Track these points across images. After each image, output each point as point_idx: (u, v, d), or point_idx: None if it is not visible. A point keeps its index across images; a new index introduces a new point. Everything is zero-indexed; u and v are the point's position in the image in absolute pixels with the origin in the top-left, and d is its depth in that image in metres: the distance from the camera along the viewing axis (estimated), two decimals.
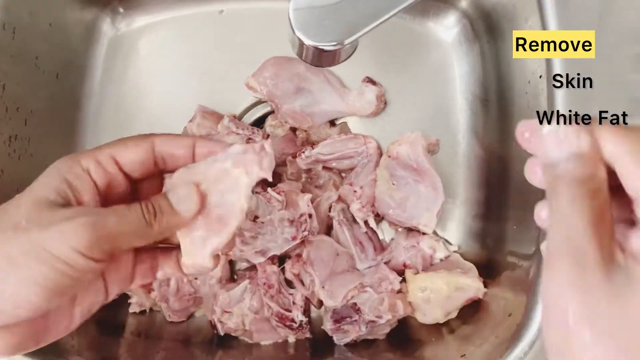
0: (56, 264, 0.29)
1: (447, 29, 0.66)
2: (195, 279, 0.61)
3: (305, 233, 0.57)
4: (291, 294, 0.60)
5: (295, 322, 0.59)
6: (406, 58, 0.66)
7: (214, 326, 0.60)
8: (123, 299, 0.62)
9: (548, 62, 0.49)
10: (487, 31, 0.62)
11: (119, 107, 0.67)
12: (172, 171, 0.37)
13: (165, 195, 0.35)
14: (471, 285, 0.57)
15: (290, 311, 0.59)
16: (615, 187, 0.24)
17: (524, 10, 0.53)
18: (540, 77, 0.51)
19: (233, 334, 0.61)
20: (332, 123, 0.66)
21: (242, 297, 0.60)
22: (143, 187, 0.38)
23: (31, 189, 0.32)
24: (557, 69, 0.48)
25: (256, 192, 0.57)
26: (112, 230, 0.31)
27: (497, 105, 0.61)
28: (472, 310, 0.58)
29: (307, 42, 0.37)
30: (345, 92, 0.64)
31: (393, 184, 0.60)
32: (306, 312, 0.61)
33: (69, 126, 0.65)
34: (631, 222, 0.24)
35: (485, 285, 0.57)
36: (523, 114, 0.56)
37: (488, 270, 0.59)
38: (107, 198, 0.34)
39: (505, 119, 0.60)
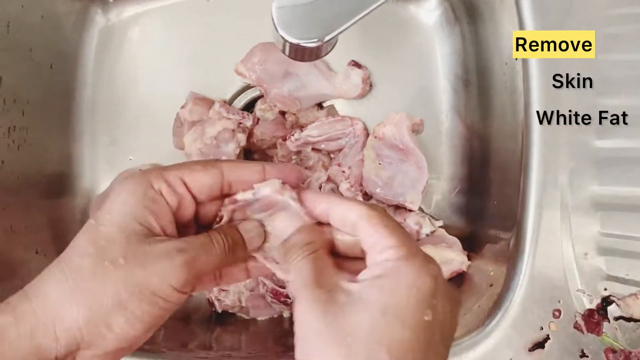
0: (158, 301, 0.31)
1: (429, 12, 0.67)
2: None
3: None
4: None
5: (290, 298, 0.61)
6: (390, 41, 0.68)
7: (211, 304, 0.63)
8: None
9: None
10: (467, 14, 0.63)
11: (113, 95, 0.68)
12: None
13: (237, 229, 0.36)
14: (456, 258, 0.59)
15: (284, 287, 0.61)
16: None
17: None
18: (517, 59, 0.52)
19: (230, 311, 0.63)
20: (319, 106, 0.68)
21: None
22: (202, 208, 0.37)
23: (112, 217, 0.32)
24: (534, 65, 0.49)
25: None
26: (203, 267, 0.33)
27: (477, 86, 0.63)
28: (457, 283, 0.59)
29: (290, 39, 0.38)
30: (332, 75, 0.65)
31: (380, 163, 0.63)
32: None
33: (65, 115, 0.67)
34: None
35: (469, 258, 0.59)
36: (501, 93, 0.57)
37: (471, 244, 0.61)
38: (176, 219, 0.35)
39: (486, 99, 0.62)
